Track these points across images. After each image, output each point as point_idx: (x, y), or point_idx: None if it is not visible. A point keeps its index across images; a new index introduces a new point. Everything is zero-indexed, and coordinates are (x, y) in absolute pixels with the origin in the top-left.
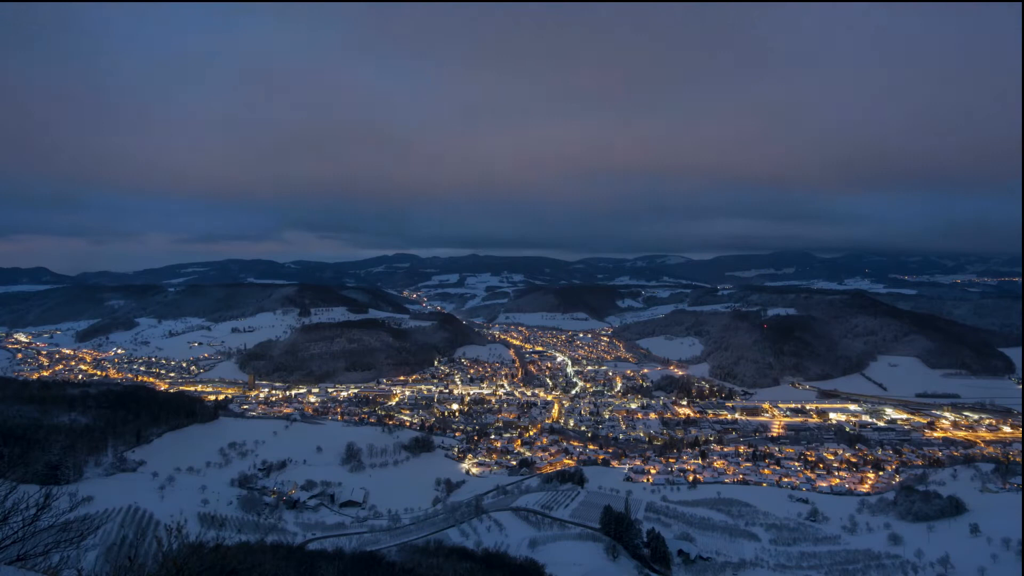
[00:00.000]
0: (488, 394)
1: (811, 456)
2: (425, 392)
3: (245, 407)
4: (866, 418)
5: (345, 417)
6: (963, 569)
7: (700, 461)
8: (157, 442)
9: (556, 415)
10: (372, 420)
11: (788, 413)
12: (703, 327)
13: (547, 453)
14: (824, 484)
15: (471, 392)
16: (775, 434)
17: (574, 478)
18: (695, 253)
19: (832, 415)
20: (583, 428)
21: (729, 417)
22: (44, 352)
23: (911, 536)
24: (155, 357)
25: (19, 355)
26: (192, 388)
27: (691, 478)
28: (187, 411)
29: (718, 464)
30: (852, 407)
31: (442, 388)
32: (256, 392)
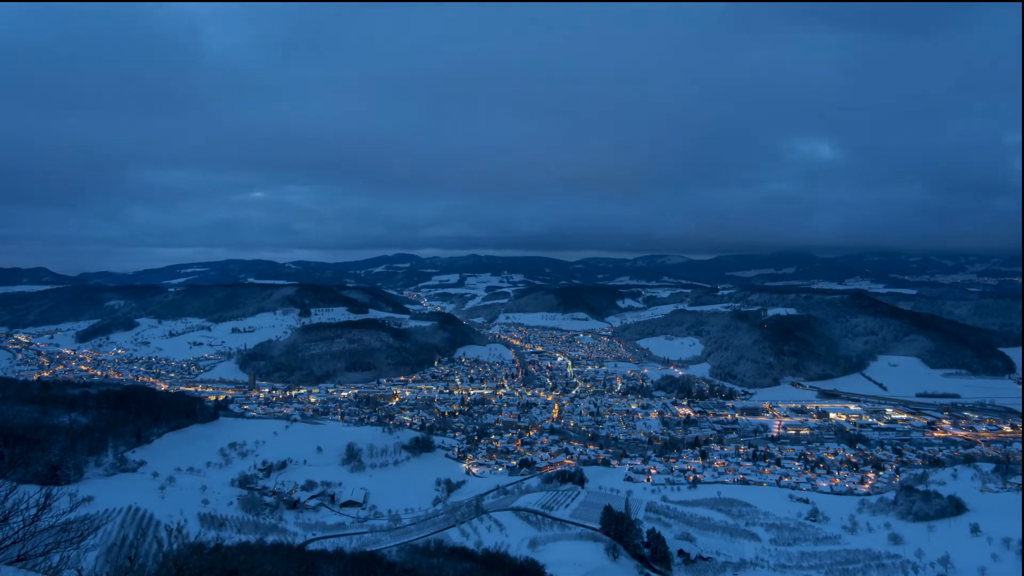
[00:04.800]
0: (488, 394)
1: (811, 456)
2: (425, 392)
3: (245, 407)
4: (866, 418)
5: (345, 417)
6: (963, 569)
7: (700, 461)
8: (157, 442)
9: (556, 415)
10: (372, 420)
11: (788, 413)
12: (703, 327)
13: (547, 453)
14: (824, 484)
15: (471, 392)
16: (775, 434)
17: (574, 478)
18: (695, 253)
19: (832, 415)
20: (583, 428)
21: (729, 417)
22: (44, 352)
23: (911, 536)
24: (155, 357)
25: (19, 355)
26: (192, 388)
27: (691, 478)
28: (187, 411)
29: (718, 464)
30: (852, 407)
31: (442, 388)
32: (256, 392)
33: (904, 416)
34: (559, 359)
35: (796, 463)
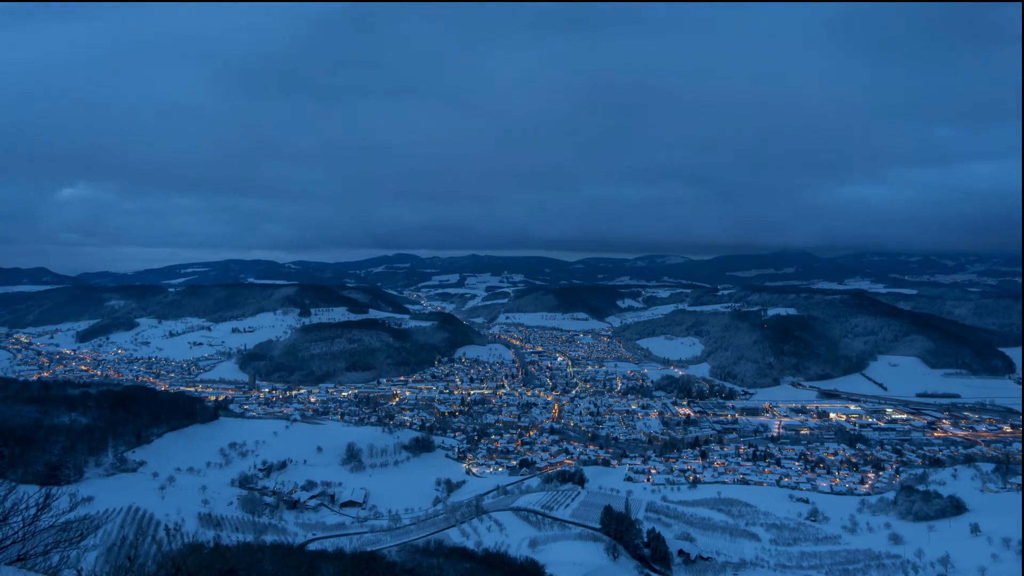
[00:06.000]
0: (488, 394)
1: (811, 456)
2: (425, 392)
3: (245, 407)
4: (866, 418)
5: (345, 417)
6: (963, 569)
7: (700, 461)
8: (157, 442)
9: (556, 415)
10: (372, 420)
11: (788, 413)
12: (703, 327)
13: (547, 453)
14: (824, 484)
15: (471, 392)
16: (775, 434)
17: (574, 478)
18: (695, 253)
19: (832, 415)
20: (583, 428)
21: (729, 417)
22: (44, 352)
23: (911, 536)
24: (155, 357)
25: (19, 355)
26: (192, 388)
27: (691, 478)
28: (187, 411)
29: (718, 464)
30: (852, 407)
31: (442, 388)
32: (256, 392)
33: (904, 416)
34: (559, 359)
35: (796, 463)
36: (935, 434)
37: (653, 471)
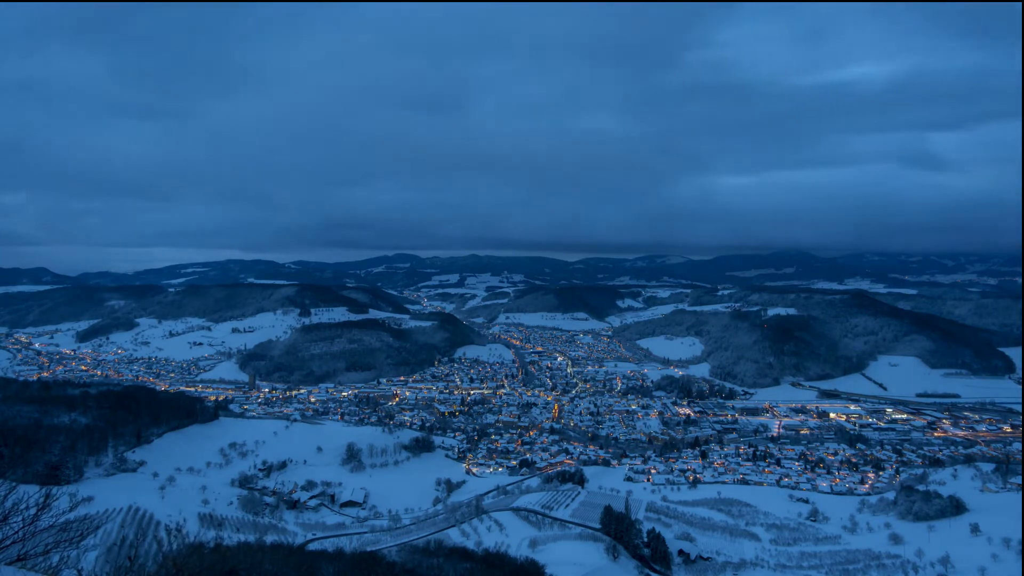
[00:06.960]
0: (488, 394)
1: (811, 456)
2: (425, 392)
3: (245, 407)
4: (866, 418)
5: (345, 417)
6: (963, 569)
7: (700, 461)
8: (157, 442)
9: (556, 415)
10: (372, 420)
11: (788, 413)
12: (703, 327)
13: (547, 453)
14: (824, 484)
15: (471, 392)
16: (775, 434)
17: (574, 478)
18: (695, 253)
19: (832, 415)
20: (583, 428)
21: (729, 417)
22: (44, 352)
23: (911, 536)
24: (155, 357)
25: (19, 355)
26: (192, 388)
27: (691, 478)
28: (187, 411)
29: (718, 464)
30: (852, 407)
31: (442, 388)
32: (256, 392)
33: (904, 416)
34: (559, 359)
35: (796, 463)
36: (935, 434)
37: (653, 471)
